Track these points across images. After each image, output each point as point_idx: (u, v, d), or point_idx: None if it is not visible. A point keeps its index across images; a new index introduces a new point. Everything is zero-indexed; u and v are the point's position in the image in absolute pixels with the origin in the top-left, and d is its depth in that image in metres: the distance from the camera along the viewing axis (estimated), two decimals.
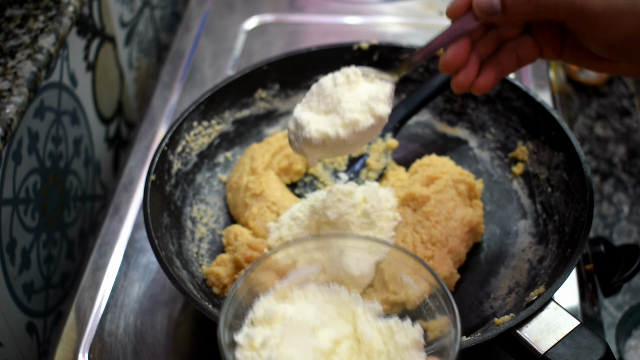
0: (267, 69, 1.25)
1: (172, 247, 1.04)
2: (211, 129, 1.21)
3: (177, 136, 1.14)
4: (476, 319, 1.01)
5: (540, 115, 1.16)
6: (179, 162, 1.14)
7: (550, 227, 1.09)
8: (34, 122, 1.16)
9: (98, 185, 1.44)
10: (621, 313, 1.31)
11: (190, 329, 1.07)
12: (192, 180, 1.17)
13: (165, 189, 1.10)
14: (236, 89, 1.23)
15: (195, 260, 1.08)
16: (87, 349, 1.05)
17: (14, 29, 1.15)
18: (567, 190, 1.08)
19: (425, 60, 0.97)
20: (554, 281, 0.92)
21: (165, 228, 1.05)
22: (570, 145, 1.09)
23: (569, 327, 0.87)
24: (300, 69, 1.28)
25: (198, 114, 1.18)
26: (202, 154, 1.20)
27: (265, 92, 1.27)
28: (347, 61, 1.28)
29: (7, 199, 1.08)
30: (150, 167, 1.07)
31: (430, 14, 1.64)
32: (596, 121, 2.14)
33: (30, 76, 1.07)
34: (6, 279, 1.09)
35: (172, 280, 0.93)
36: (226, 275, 1.03)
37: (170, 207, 1.10)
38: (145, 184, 1.05)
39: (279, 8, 1.68)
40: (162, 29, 1.78)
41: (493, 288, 1.05)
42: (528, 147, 1.19)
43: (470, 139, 1.27)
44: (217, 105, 1.21)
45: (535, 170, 1.17)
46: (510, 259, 1.09)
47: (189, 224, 1.12)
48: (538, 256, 1.06)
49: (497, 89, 1.22)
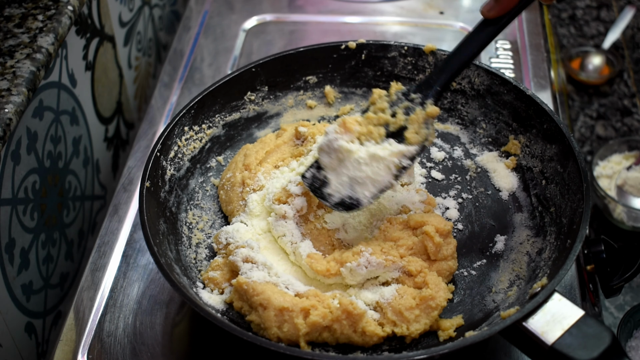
0: (255, 71, 1.25)
1: (170, 254, 1.03)
2: (202, 133, 1.21)
3: (169, 141, 1.13)
4: (480, 314, 1.01)
5: (531, 109, 1.16)
6: (171, 168, 1.14)
7: (547, 219, 1.09)
8: (33, 122, 1.15)
9: (97, 185, 1.44)
10: (622, 314, 1.31)
11: (189, 329, 1.07)
12: (186, 186, 1.17)
13: (159, 195, 1.09)
14: (226, 92, 1.23)
15: (194, 266, 1.08)
16: (86, 349, 1.05)
17: (13, 28, 1.14)
18: (562, 182, 1.09)
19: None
20: (556, 272, 0.92)
21: (162, 235, 1.04)
22: (564, 137, 1.09)
23: (574, 318, 0.87)
24: (289, 69, 1.28)
25: (189, 119, 1.17)
26: (194, 158, 1.20)
27: (254, 95, 1.27)
28: (335, 60, 1.28)
29: (5, 199, 1.07)
30: (144, 174, 1.06)
31: (430, 13, 1.64)
32: (597, 121, 2.14)
33: (29, 76, 1.07)
34: (5, 279, 1.08)
35: (175, 288, 0.92)
36: (223, 279, 1.03)
37: (166, 213, 1.09)
38: (140, 191, 1.04)
39: (278, 7, 1.68)
40: (161, 29, 1.78)
41: (494, 282, 1.05)
42: (520, 141, 1.19)
43: (462, 134, 1.27)
44: (207, 109, 1.21)
45: (528, 163, 1.17)
46: (508, 252, 1.09)
47: (185, 230, 1.12)
48: (537, 248, 1.07)
49: (486, 84, 1.23)
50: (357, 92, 1.32)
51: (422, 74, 1.28)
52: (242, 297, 0.98)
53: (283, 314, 0.94)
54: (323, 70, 1.30)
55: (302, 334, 0.93)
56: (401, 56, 1.28)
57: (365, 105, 1.21)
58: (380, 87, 1.31)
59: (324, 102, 1.32)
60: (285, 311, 0.94)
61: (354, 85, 1.32)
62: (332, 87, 1.31)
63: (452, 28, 1.62)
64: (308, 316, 0.94)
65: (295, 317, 0.93)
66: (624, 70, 2.26)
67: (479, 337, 0.87)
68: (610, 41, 2.27)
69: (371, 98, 1.09)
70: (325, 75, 1.30)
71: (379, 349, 0.97)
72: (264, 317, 0.95)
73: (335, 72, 1.30)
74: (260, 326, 0.96)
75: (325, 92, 1.31)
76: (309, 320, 0.94)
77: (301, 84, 1.30)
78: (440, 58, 1.25)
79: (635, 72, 2.26)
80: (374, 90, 1.09)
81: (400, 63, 1.28)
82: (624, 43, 2.36)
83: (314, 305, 0.95)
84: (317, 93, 1.32)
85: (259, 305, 0.95)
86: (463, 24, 1.62)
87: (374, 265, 1.00)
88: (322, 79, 1.30)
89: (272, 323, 0.94)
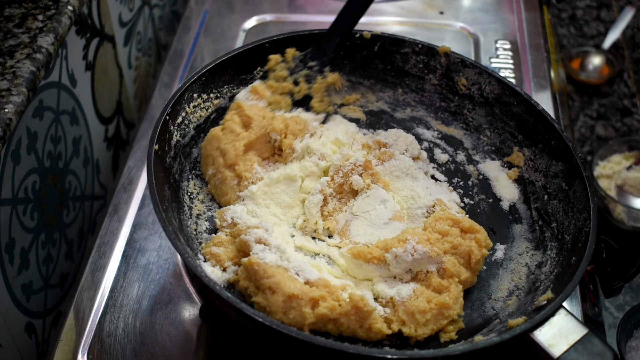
0: (268, 46, 1.24)
1: (174, 222, 1.03)
2: (209, 102, 1.20)
3: (178, 106, 1.13)
4: (479, 319, 1.01)
5: (540, 124, 1.16)
6: (178, 134, 1.13)
7: (548, 234, 1.09)
8: (33, 122, 1.15)
9: (97, 185, 1.44)
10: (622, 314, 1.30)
11: (189, 329, 1.07)
12: (189, 154, 1.16)
13: (165, 160, 1.08)
14: (237, 64, 1.22)
15: (194, 237, 1.07)
16: (86, 349, 1.05)
17: (13, 28, 1.14)
18: (566, 199, 1.08)
19: None
20: (564, 287, 0.93)
21: (167, 201, 1.04)
22: (572, 156, 1.09)
23: (579, 334, 0.89)
24: (300, 49, 1.26)
25: (199, 86, 1.17)
26: (199, 127, 1.19)
27: (263, 70, 1.26)
28: (348, 48, 1.27)
29: (5, 199, 1.07)
30: (153, 137, 1.05)
31: (430, 13, 1.64)
32: (597, 121, 2.14)
33: (29, 76, 1.07)
34: (5, 279, 1.08)
35: (183, 257, 0.91)
36: (227, 257, 1.02)
37: (170, 180, 1.08)
38: (148, 153, 1.03)
39: (278, 7, 1.68)
40: (161, 29, 1.78)
41: (493, 289, 1.05)
42: (524, 154, 1.19)
43: (465, 139, 1.26)
44: (218, 79, 1.20)
45: (531, 176, 1.17)
46: (508, 261, 1.09)
47: (186, 200, 1.11)
48: (536, 261, 1.07)
49: (496, 93, 1.22)
50: (365, 82, 1.31)
51: (432, 74, 1.28)
52: (250, 277, 0.97)
53: (291, 301, 0.93)
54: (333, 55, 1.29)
55: (308, 324, 0.93)
56: (414, 53, 1.27)
57: (263, 71, 1.22)
58: (389, 81, 1.31)
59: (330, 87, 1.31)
60: (295, 298, 0.93)
61: (362, 75, 1.31)
62: (340, 74, 1.30)
63: (452, 28, 1.62)
64: (317, 307, 0.93)
65: (304, 306, 0.93)
66: (624, 70, 2.26)
67: (489, 343, 0.88)
68: (610, 41, 2.27)
69: (268, 64, 1.10)
70: (335, 61, 1.29)
71: (380, 343, 0.97)
72: (272, 301, 0.94)
73: (345, 60, 1.29)
74: (266, 309, 0.95)
75: (332, 78, 1.29)
76: (317, 311, 0.93)
77: None
78: (453, 60, 1.25)
79: (635, 72, 2.26)
80: (270, 57, 1.10)
81: (412, 60, 1.28)
82: (624, 43, 2.36)
83: (324, 297, 0.94)
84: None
85: (268, 288, 0.94)
86: (463, 24, 1.62)
87: (420, 253, 1.00)
88: (332, 65, 1.29)
89: (279, 308, 0.93)
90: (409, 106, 1.31)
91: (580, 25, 2.43)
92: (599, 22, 2.44)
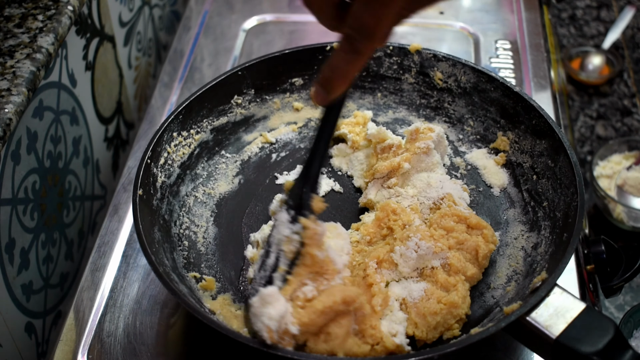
0: (241, 74, 1.25)
1: (167, 262, 1.02)
2: (191, 138, 1.20)
3: (159, 148, 1.12)
4: (480, 310, 1.01)
5: (519, 105, 1.17)
6: (162, 175, 1.13)
7: (540, 214, 1.09)
8: (33, 122, 1.15)
9: (97, 185, 1.44)
10: (622, 314, 1.31)
11: (189, 330, 1.07)
12: (177, 193, 1.16)
13: (152, 203, 1.08)
14: (213, 96, 1.22)
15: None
16: (86, 349, 1.05)
17: (13, 28, 1.14)
18: (553, 176, 1.09)
19: None
20: (556, 266, 0.92)
21: (158, 243, 1.04)
22: (553, 132, 1.10)
23: (576, 310, 0.88)
24: (274, 72, 1.28)
25: (177, 124, 1.16)
26: (184, 164, 1.18)
27: (241, 98, 1.26)
28: (321, 62, 1.28)
29: (5, 199, 1.07)
30: (136, 182, 1.04)
31: (430, 13, 1.64)
32: (597, 121, 2.14)
33: (29, 76, 1.07)
34: (5, 279, 1.08)
35: (177, 297, 0.90)
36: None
37: (159, 221, 1.08)
38: (133, 199, 1.02)
39: (278, 7, 1.68)
40: (161, 29, 1.78)
41: (492, 278, 1.06)
42: (508, 137, 1.20)
43: (449, 132, 1.27)
44: (195, 114, 1.20)
45: (518, 159, 1.18)
46: (504, 248, 1.09)
47: (179, 238, 1.11)
48: (532, 243, 1.07)
49: (473, 82, 1.23)
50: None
51: (407, 73, 1.28)
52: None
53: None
54: (308, 71, 1.30)
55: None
56: (386, 56, 1.28)
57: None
58: (366, 87, 1.32)
59: (311, 104, 1.31)
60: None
61: None
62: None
63: (452, 28, 1.62)
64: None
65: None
66: (624, 70, 2.27)
67: (485, 334, 0.87)
68: (610, 41, 2.27)
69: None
70: (311, 77, 1.30)
71: None
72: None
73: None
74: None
75: (311, 94, 1.30)
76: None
77: (287, 86, 1.30)
78: (426, 57, 1.26)
79: (635, 72, 2.26)
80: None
81: (386, 63, 1.29)
82: (624, 43, 2.36)
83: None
84: (304, 95, 1.31)
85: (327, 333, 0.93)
86: (463, 24, 1.62)
87: (423, 249, 1.00)
88: (308, 81, 1.30)
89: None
90: (390, 108, 1.32)
91: (580, 25, 2.43)
92: (599, 22, 2.44)
